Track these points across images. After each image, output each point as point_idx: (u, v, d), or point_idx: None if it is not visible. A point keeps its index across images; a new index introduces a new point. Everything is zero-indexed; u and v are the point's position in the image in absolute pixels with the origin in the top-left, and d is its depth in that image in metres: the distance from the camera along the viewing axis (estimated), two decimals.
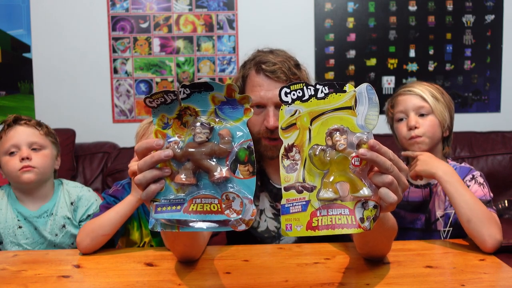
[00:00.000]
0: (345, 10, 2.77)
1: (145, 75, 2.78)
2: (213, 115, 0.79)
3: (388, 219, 0.99)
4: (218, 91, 0.77)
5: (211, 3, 2.74)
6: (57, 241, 1.46)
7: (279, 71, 1.27)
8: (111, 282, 1.04)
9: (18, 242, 1.44)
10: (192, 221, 0.77)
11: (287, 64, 1.29)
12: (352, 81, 2.80)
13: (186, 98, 0.78)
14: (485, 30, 2.78)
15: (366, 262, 1.11)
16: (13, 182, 1.46)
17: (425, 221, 1.42)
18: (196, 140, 0.77)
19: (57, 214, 1.46)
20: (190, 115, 0.79)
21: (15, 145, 1.41)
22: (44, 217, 1.45)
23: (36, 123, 1.47)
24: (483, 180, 1.36)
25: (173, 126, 0.80)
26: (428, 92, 1.42)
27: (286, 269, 1.08)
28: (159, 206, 0.78)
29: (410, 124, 1.40)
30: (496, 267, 1.09)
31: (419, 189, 1.44)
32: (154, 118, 0.80)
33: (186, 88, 0.78)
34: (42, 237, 1.45)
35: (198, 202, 0.77)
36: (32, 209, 1.46)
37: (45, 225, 1.45)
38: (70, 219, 1.47)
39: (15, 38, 2.74)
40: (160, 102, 0.78)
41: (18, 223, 1.44)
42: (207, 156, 0.77)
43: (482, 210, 1.20)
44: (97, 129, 2.75)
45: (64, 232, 1.46)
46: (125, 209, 1.28)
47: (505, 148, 2.45)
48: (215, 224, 0.77)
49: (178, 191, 0.78)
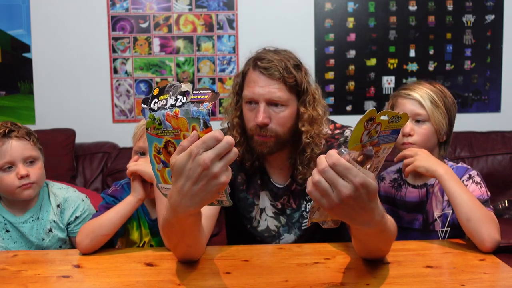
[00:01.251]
0: (345, 10, 2.77)
1: (145, 75, 2.78)
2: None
3: (386, 225, 0.97)
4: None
5: (211, 3, 2.74)
6: (44, 245, 1.43)
7: (273, 68, 1.27)
8: (111, 282, 1.04)
9: (6, 246, 1.41)
10: None
11: (285, 63, 1.29)
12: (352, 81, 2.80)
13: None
14: (485, 30, 2.78)
15: (366, 262, 1.11)
16: (7, 196, 1.41)
17: (422, 222, 1.42)
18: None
19: (43, 218, 1.43)
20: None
21: (10, 162, 1.37)
22: (29, 222, 1.42)
23: (25, 133, 1.41)
24: (480, 179, 1.35)
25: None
26: (428, 98, 1.39)
27: (286, 269, 1.08)
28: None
29: (405, 131, 1.39)
30: (496, 267, 1.09)
31: (415, 190, 1.44)
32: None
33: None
34: (28, 242, 1.42)
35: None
36: (18, 214, 1.42)
37: (31, 230, 1.42)
38: (57, 222, 1.44)
39: (15, 38, 2.74)
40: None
41: (5, 227, 1.41)
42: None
43: (481, 210, 1.21)
44: (97, 129, 2.75)
45: (51, 236, 1.43)
46: (125, 209, 1.27)
47: (505, 148, 2.45)
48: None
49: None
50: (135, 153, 1.37)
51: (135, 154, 1.37)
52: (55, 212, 1.45)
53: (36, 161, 1.41)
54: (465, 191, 1.23)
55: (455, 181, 1.24)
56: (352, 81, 2.80)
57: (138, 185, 1.28)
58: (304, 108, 1.32)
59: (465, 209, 1.20)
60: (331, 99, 2.79)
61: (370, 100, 2.81)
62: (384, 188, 1.54)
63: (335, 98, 2.79)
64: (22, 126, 1.44)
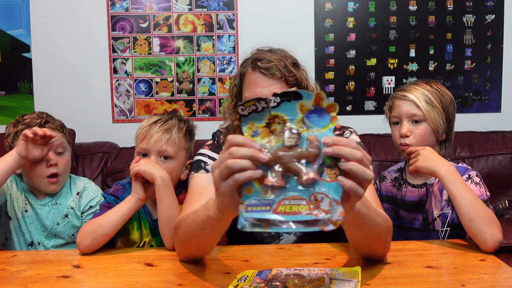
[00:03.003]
0: (345, 10, 2.76)
1: (145, 75, 2.77)
2: (301, 123, 0.81)
3: (372, 219, 0.98)
4: (307, 100, 0.80)
5: (211, 3, 2.74)
6: (58, 229, 1.49)
7: (274, 68, 1.26)
8: (111, 282, 1.04)
9: (21, 226, 1.49)
10: (281, 222, 0.78)
11: (284, 62, 1.28)
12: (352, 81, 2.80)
13: (276, 106, 0.81)
14: (486, 30, 2.78)
15: (366, 262, 1.11)
16: (33, 185, 1.50)
17: (422, 221, 1.42)
18: (286, 144, 0.79)
19: (61, 203, 1.51)
20: (279, 123, 0.81)
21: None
22: (48, 206, 1.50)
23: (59, 126, 1.52)
24: (479, 179, 1.35)
25: (262, 134, 0.82)
26: (423, 98, 1.39)
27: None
28: (250, 205, 0.80)
29: (402, 132, 1.41)
30: (497, 267, 1.09)
31: (415, 189, 1.44)
32: (244, 126, 0.82)
33: (277, 97, 0.80)
34: (43, 225, 1.49)
35: (286, 204, 0.79)
36: (39, 198, 1.51)
37: (48, 213, 1.50)
38: (74, 209, 1.51)
39: (15, 38, 2.74)
40: (252, 110, 0.81)
41: (25, 207, 1.50)
42: (296, 159, 0.79)
43: (484, 209, 1.20)
44: (97, 129, 2.74)
45: (66, 222, 1.50)
46: (126, 209, 1.27)
47: (505, 148, 2.45)
48: (303, 224, 0.78)
49: (265, 193, 0.80)
50: (138, 154, 1.37)
51: (138, 155, 1.37)
52: (74, 199, 1.53)
53: (64, 152, 1.51)
54: (467, 190, 1.23)
55: (457, 181, 1.24)
56: (352, 81, 2.80)
57: (138, 185, 1.28)
58: None
59: (467, 209, 1.20)
60: (331, 99, 2.78)
61: (370, 100, 2.81)
62: (385, 187, 1.54)
63: (335, 98, 2.79)
64: (56, 119, 1.56)
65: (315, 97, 0.80)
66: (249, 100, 0.81)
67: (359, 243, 1.08)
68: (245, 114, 0.82)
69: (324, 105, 0.80)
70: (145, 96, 2.78)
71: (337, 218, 0.78)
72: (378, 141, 2.48)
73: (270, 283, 0.92)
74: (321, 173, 0.79)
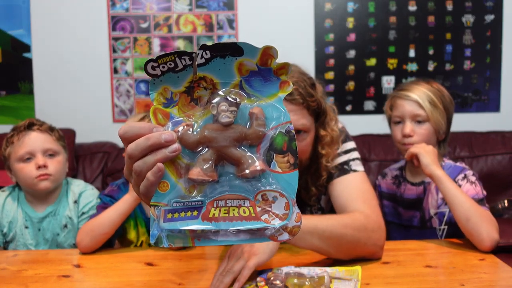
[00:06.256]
0: (345, 10, 2.77)
1: (145, 75, 2.77)
2: (237, 89, 0.58)
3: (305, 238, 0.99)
4: (249, 57, 0.56)
5: (211, 3, 2.75)
6: (59, 240, 1.47)
7: (295, 93, 1.09)
8: (111, 281, 1.04)
9: (25, 242, 1.46)
10: (214, 232, 0.56)
11: (304, 84, 1.12)
12: (352, 81, 2.80)
13: (204, 64, 0.56)
14: (485, 30, 2.78)
15: (366, 262, 1.11)
16: (26, 188, 1.47)
17: (420, 219, 1.43)
18: (221, 120, 0.56)
19: (59, 213, 1.48)
20: (205, 89, 0.57)
21: (30, 152, 1.42)
22: (48, 217, 1.48)
23: (48, 128, 1.48)
24: (475, 178, 1.36)
25: (180, 103, 0.58)
26: (426, 98, 1.40)
27: None
28: (170, 212, 0.56)
29: (405, 132, 1.40)
30: (496, 267, 1.09)
31: (414, 187, 1.45)
32: (153, 92, 0.58)
33: (206, 50, 0.56)
34: (44, 238, 1.47)
35: (221, 206, 0.57)
36: (39, 210, 1.48)
37: (48, 225, 1.47)
38: (72, 218, 1.48)
39: (15, 38, 2.74)
40: (167, 69, 0.56)
41: (25, 223, 1.47)
42: (235, 143, 0.56)
43: (479, 209, 1.21)
44: (97, 129, 2.75)
45: (66, 232, 1.48)
46: (124, 208, 1.28)
47: (505, 148, 2.45)
48: (246, 234, 0.57)
49: (190, 191, 0.57)
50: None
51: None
52: (71, 208, 1.50)
53: (56, 155, 1.47)
54: (460, 191, 1.24)
55: (451, 183, 1.25)
56: (352, 81, 2.80)
57: None
58: (324, 130, 1.18)
59: (463, 209, 1.20)
60: (331, 99, 2.79)
61: (370, 100, 2.81)
62: (386, 184, 1.55)
63: (335, 98, 2.79)
64: (47, 123, 1.52)
65: (262, 53, 0.56)
66: (165, 53, 0.55)
67: (323, 254, 1.08)
68: (157, 74, 0.56)
69: (273, 65, 0.57)
70: (145, 96, 2.78)
71: (294, 224, 0.58)
72: (378, 141, 2.49)
73: (270, 282, 0.93)
74: (269, 162, 0.57)
